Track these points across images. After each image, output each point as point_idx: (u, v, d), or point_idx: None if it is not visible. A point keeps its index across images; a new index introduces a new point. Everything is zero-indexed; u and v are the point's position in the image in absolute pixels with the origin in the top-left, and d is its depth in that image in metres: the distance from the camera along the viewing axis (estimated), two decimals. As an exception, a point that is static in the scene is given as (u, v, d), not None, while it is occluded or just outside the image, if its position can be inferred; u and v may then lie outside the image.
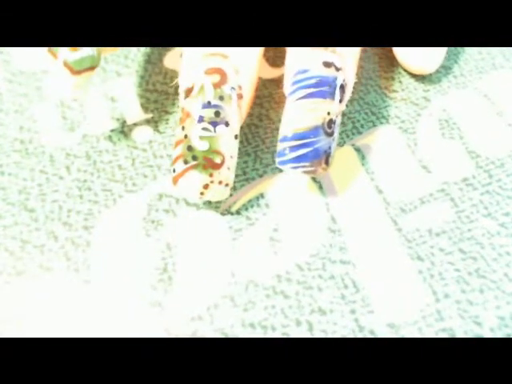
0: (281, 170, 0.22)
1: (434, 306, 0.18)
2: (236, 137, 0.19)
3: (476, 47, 0.26)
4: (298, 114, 0.19)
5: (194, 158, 0.19)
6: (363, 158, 0.22)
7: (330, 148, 0.19)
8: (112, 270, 0.19)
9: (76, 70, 0.20)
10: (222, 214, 0.21)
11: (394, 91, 0.24)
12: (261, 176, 0.22)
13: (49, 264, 0.19)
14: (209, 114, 0.19)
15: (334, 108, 0.19)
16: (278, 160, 0.19)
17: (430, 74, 0.25)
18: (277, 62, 0.26)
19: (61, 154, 0.22)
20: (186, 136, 0.19)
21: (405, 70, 0.25)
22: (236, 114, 0.19)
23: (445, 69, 0.25)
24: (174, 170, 0.19)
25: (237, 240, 0.20)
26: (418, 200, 0.21)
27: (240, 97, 0.20)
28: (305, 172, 0.19)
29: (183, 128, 0.19)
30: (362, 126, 0.23)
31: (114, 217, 0.21)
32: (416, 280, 0.19)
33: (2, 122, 0.23)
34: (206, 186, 0.19)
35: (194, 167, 0.18)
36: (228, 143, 0.19)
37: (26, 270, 0.19)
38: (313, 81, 0.19)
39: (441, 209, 0.20)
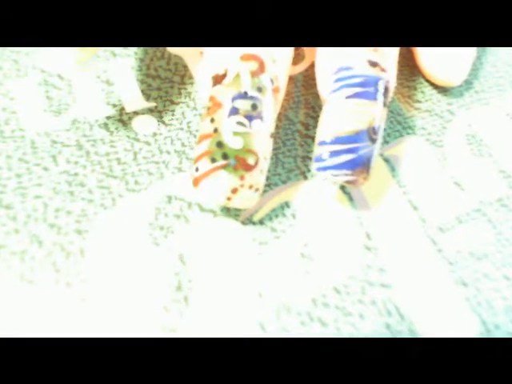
0: (306, 177, 0.19)
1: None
2: (272, 135, 0.17)
3: (494, 66, 0.25)
4: (342, 116, 0.17)
5: (225, 156, 0.16)
6: (393, 169, 0.20)
7: (372, 156, 0.17)
8: (113, 286, 0.16)
9: None
10: (244, 223, 0.18)
11: (418, 101, 0.23)
12: (284, 182, 0.19)
13: (32, 275, 0.16)
14: (245, 106, 0.16)
15: (380, 112, 0.17)
16: (316, 165, 0.17)
17: (452, 87, 0.24)
18: (294, 58, 0.23)
19: (45, 140, 0.19)
20: (215, 130, 0.16)
21: (426, 81, 0.24)
22: (273, 109, 0.17)
23: (466, 83, 0.24)
24: (197, 169, 0.16)
25: (263, 255, 0.17)
26: (455, 219, 0.19)
27: (277, 90, 0.17)
28: (346, 181, 0.17)
29: (212, 120, 0.16)
30: (388, 135, 0.21)
31: (113, 220, 0.17)
32: (463, 308, 0.17)
33: (-30, 96, 0.19)
34: (234, 190, 0.16)
35: (224, 167, 0.16)
36: (263, 142, 0.16)
37: (0, 280, 0.15)
38: (358, 80, 0.17)
39: (479, 230, 0.19)
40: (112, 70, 0.21)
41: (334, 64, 0.18)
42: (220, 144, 0.16)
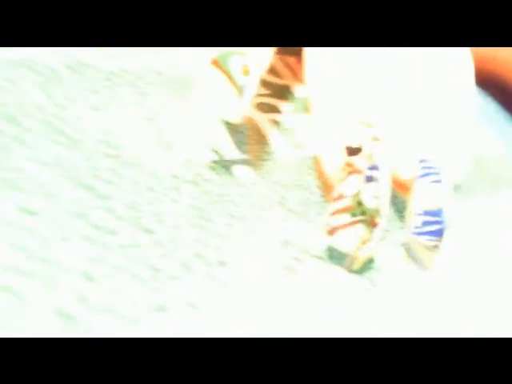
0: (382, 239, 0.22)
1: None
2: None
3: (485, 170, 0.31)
4: (430, 195, 0.21)
5: (363, 213, 0.19)
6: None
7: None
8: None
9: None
10: (347, 269, 0.20)
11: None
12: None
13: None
14: (376, 175, 0.19)
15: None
16: (413, 230, 0.20)
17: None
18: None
19: (165, 173, 0.19)
20: (356, 191, 0.19)
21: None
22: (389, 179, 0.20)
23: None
24: (334, 221, 0.18)
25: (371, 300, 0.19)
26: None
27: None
28: (432, 245, 0.21)
29: (352, 183, 0.19)
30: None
31: (245, 255, 0.18)
32: None
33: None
34: (364, 242, 0.19)
35: (361, 222, 0.18)
36: (387, 205, 0.20)
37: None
38: (437, 169, 0.22)
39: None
40: (202, 117, 0.22)
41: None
42: (360, 203, 0.19)
